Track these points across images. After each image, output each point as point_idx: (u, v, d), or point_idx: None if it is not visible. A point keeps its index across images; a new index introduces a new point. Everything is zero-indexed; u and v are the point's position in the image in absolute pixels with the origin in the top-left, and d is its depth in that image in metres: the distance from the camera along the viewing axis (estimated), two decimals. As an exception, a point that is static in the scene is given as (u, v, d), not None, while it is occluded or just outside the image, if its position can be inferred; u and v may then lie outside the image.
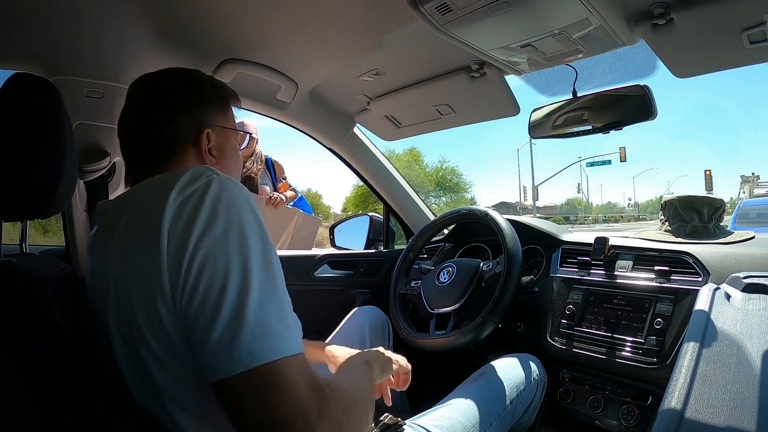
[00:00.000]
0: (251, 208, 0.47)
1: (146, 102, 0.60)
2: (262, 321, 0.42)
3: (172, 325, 0.44)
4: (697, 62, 0.91)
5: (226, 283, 0.42)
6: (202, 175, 0.47)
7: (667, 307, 0.95)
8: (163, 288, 0.43)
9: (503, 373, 0.94)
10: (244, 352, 0.40)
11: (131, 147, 0.60)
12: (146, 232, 0.45)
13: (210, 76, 0.65)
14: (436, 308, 1.13)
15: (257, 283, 0.43)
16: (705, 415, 0.55)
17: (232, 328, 0.41)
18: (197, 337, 0.42)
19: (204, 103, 0.62)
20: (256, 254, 0.45)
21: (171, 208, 0.45)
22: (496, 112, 1.23)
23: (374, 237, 1.69)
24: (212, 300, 0.42)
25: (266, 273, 0.45)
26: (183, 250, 0.43)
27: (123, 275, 0.47)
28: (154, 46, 0.92)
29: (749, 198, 12.98)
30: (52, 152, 0.54)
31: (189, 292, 0.42)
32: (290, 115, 1.32)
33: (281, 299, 0.45)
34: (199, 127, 0.60)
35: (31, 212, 0.55)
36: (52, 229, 2.66)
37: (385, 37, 0.93)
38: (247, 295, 0.42)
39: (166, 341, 0.45)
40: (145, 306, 0.45)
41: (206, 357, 0.42)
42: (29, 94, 0.54)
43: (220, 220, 0.44)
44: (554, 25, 0.78)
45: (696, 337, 0.70)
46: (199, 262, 0.43)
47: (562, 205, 51.80)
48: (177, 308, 0.43)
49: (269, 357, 0.41)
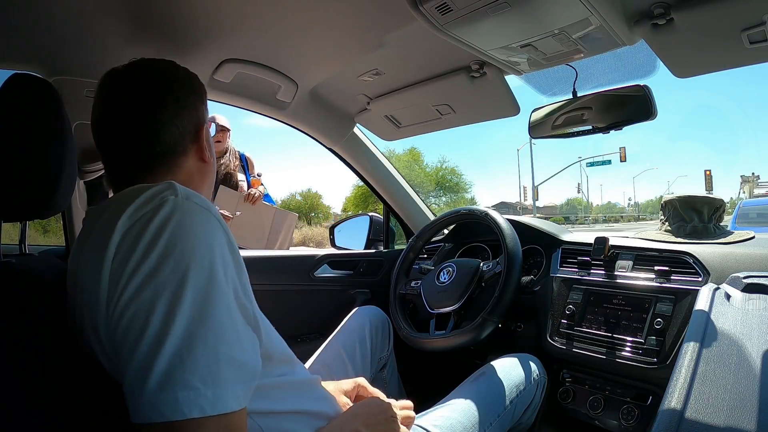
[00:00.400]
0: (205, 239, 0.43)
1: (144, 96, 0.55)
2: (174, 373, 0.37)
3: (109, 347, 0.43)
4: (697, 62, 0.91)
5: (145, 325, 0.39)
6: (158, 196, 0.44)
7: (667, 307, 0.95)
8: (100, 308, 0.42)
9: (503, 373, 0.94)
10: (146, 402, 0.37)
11: (121, 147, 0.55)
12: (99, 250, 0.43)
13: (183, 67, 0.61)
14: (436, 308, 1.13)
15: (181, 329, 0.39)
16: (705, 415, 0.55)
17: (141, 375, 0.37)
18: (120, 373, 0.41)
19: (197, 95, 0.60)
20: (191, 294, 0.40)
21: (120, 230, 0.43)
22: (496, 112, 1.23)
23: (374, 237, 1.69)
24: (131, 339, 0.39)
25: (200, 316, 0.40)
26: (118, 278, 0.41)
27: (80, 284, 0.46)
28: (154, 46, 0.92)
29: (749, 198, 12.99)
30: (52, 152, 0.53)
31: (115, 322, 0.41)
32: (290, 115, 1.32)
33: (216, 347, 0.40)
34: (198, 122, 0.59)
35: (31, 212, 0.55)
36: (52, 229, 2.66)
37: (385, 37, 0.93)
38: (164, 341, 0.38)
39: (109, 360, 0.44)
40: (91, 319, 0.44)
41: (126, 394, 0.39)
42: (29, 94, 0.54)
43: (156, 252, 0.41)
44: (554, 25, 0.78)
45: (696, 337, 0.70)
46: (129, 295, 0.40)
47: (562, 205, 51.80)
48: (109, 334, 0.42)
49: (171, 416, 0.36)
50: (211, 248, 0.43)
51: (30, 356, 0.45)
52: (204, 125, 0.60)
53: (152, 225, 0.42)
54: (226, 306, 0.42)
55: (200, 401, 0.37)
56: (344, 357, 0.97)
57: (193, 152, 0.59)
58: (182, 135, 0.57)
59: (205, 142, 0.60)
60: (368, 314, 1.14)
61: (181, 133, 0.57)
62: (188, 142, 0.58)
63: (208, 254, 0.42)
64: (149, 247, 0.41)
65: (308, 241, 12.94)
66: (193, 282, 0.40)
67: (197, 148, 0.59)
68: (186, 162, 0.58)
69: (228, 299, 0.42)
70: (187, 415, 0.37)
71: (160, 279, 0.40)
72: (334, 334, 1.08)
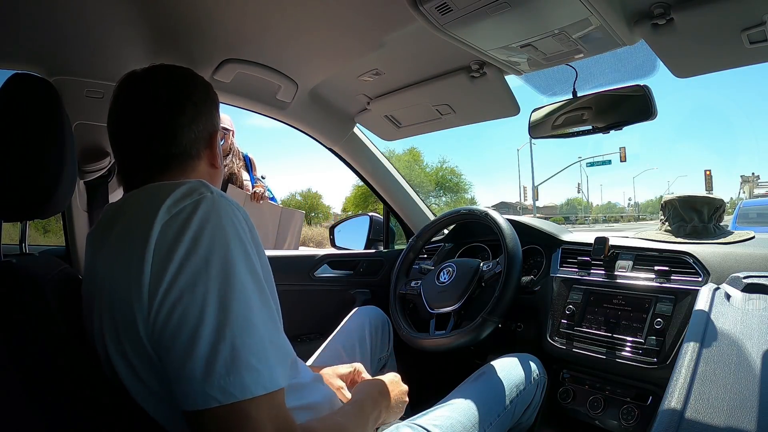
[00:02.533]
0: (239, 234, 0.46)
1: (167, 98, 0.56)
2: (238, 357, 0.41)
3: (148, 339, 0.44)
4: (697, 62, 0.91)
5: (203, 316, 0.41)
6: (195, 191, 0.46)
7: (667, 307, 0.95)
8: (142, 302, 0.43)
9: (503, 373, 0.94)
10: (215, 387, 0.40)
11: (139, 145, 0.56)
12: (135, 243, 0.44)
13: (200, 75, 0.63)
14: (436, 308, 1.13)
15: (236, 317, 0.42)
16: (705, 415, 0.55)
17: (206, 361, 0.40)
18: (173, 362, 0.42)
19: (213, 103, 0.61)
20: (239, 284, 0.43)
21: (159, 223, 0.44)
22: (496, 112, 1.23)
23: (374, 237, 1.69)
24: (188, 330, 0.41)
25: (248, 305, 0.43)
26: (164, 272, 0.42)
27: (109, 280, 0.47)
28: (154, 46, 0.92)
29: (749, 198, 12.99)
30: (52, 152, 0.54)
31: (165, 316, 0.42)
32: (290, 115, 1.32)
33: (262, 332, 0.44)
34: (213, 129, 0.60)
35: (31, 212, 0.55)
36: (52, 229, 2.66)
37: (385, 37, 0.93)
38: (224, 328, 0.41)
39: (142, 352, 0.45)
40: (124, 314, 0.44)
41: (179, 383, 0.41)
42: (29, 94, 0.54)
43: (203, 245, 0.43)
44: (554, 25, 0.78)
45: (696, 337, 0.70)
46: (179, 288, 0.42)
47: (562, 205, 51.79)
48: (153, 325, 0.43)
49: (240, 396, 0.40)
50: (246, 242, 0.46)
51: (30, 356, 0.45)
52: (217, 132, 0.61)
53: (195, 219, 0.44)
54: (264, 294, 0.46)
55: (261, 380, 0.42)
56: (344, 357, 0.97)
57: (205, 157, 0.60)
58: (197, 139, 0.58)
59: (217, 149, 0.61)
60: (368, 314, 1.14)
61: (197, 138, 0.58)
62: (202, 147, 0.59)
63: (245, 248, 0.46)
64: (195, 242, 0.43)
65: (308, 241, 12.93)
66: (239, 274, 0.44)
67: (210, 153, 0.61)
68: (199, 166, 0.59)
69: (263, 288, 0.46)
70: (254, 393, 0.41)
71: (211, 273, 0.43)
72: (334, 334, 1.08)
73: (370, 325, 1.11)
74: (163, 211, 0.44)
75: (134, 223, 0.46)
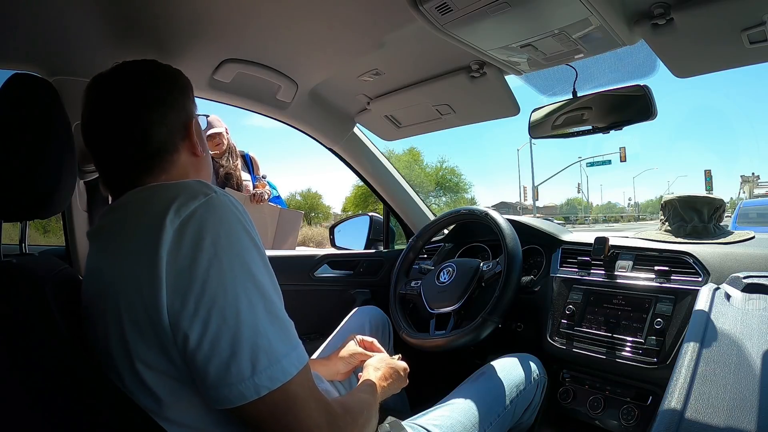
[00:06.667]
0: (246, 230, 0.48)
1: (130, 99, 0.55)
2: (272, 347, 0.45)
3: (177, 351, 0.45)
4: (697, 62, 0.91)
5: (238, 322, 0.44)
6: (200, 192, 0.47)
7: (667, 307, 0.95)
8: (157, 305, 0.43)
9: (503, 373, 0.94)
10: (263, 377, 0.44)
11: (113, 152, 0.55)
12: (145, 247, 0.45)
13: (165, 65, 0.61)
14: (436, 308, 1.13)
15: (263, 312, 0.46)
16: (705, 415, 0.55)
17: (251, 361, 0.44)
18: (214, 369, 0.43)
19: (182, 92, 0.60)
20: (261, 282, 0.46)
21: (169, 232, 0.44)
22: (496, 112, 1.23)
23: (374, 237, 1.69)
24: (228, 338, 0.43)
25: (270, 299, 0.47)
26: (188, 283, 0.43)
27: (115, 285, 0.47)
28: (154, 46, 0.92)
29: (749, 198, 12.99)
30: (52, 152, 0.54)
31: (189, 318, 0.43)
32: (290, 115, 1.32)
33: (282, 318, 0.48)
34: (187, 118, 0.59)
35: (31, 212, 0.55)
36: (52, 229, 2.66)
37: (385, 37, 0.93)
38: (258, 326, 0.45)
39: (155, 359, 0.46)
40: (136, 321, 0.45)
41: (222, 387, 0.44)
42: (29, 94, 0.54)
43: (224, 251, 0.45)
44: (554, 25, 0.78)
45: (696, 337, 0.70)
46: (209, 297, 0.43)
47: (562, 205, 51.80)
48: (185, 341, 0.43)
49: (283, 378, 0.45)
50: (253, 235, 0.48)
51: (30, 356, 0.45)
52: (193, 121, 0.60)
53: (210, 220, 0.45)
54: (274, 281, 0.49)
55: (294, 360, 0.46)
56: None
57: (184, 148, 0.59)
58: (171, 133, 0.57)
59: (195, 137, 0.60)
60: (368, 314, 1.14)
61: (170, 131, 0.57)
62: (178, 139, 0.58)
63: (255, 242, 0.48)
64: (216, 249, 0.45)
65: (308, 241, 12.93)
66: (257, 271, 0.47)
67: (188, 143, 0.59)
68: (179, 158, 0.58)
69: (273, 275, 0.49)
70: (293, 373, 0.46)
71: (236, 275, 0.45)
72: (334, 334, 1.08)
73: (370, 325, 1.11)
74: (171, 215, 0.45)
75: (141, 227, 0.46)
